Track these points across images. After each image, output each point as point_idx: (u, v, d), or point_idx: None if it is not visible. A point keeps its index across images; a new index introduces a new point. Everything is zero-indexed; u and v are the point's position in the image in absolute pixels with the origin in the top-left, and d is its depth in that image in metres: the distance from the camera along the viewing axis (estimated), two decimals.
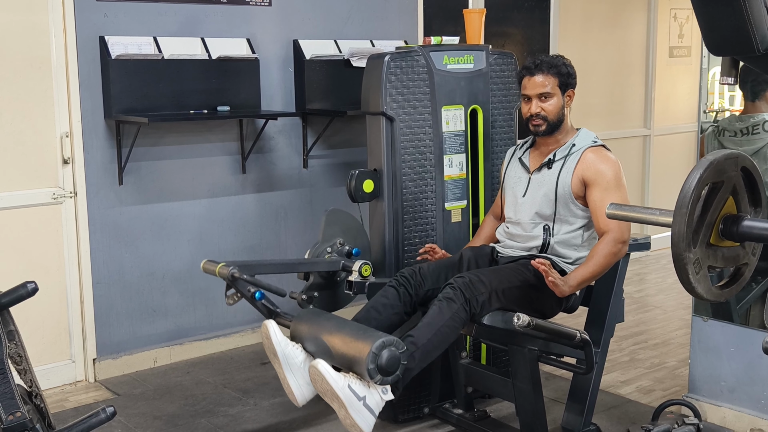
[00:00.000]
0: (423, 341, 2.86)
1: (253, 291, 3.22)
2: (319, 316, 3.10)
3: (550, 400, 3.71)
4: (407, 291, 3.15)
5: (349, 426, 2.75)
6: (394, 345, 2.74)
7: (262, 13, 4.52)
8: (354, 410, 2.69)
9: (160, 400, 3.91)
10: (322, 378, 2.70)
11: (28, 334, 3.77)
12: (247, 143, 4.52)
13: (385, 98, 3.44)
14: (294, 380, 2.93)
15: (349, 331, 2.88)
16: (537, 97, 3.22)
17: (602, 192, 3.13)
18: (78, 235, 4.07)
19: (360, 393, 2.71)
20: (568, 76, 3.24)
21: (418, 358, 2.85)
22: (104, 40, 3.99)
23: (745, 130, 3.59)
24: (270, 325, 2.95)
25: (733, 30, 1.73)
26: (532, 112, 3.23)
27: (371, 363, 2.70)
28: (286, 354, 2.93)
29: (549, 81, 3.21)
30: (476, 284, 2.97)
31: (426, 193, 3.57)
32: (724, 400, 3.53)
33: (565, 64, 3.25)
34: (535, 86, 3.22)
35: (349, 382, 2.71)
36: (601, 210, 3.12)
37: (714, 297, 1.80)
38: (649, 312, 5.23)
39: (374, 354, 2.70)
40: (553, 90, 3.22)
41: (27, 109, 3.88)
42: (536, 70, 3.23)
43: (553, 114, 3.23)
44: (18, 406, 2.18)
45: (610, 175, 3.14)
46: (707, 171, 1.68)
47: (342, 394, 2.68)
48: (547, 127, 3.24)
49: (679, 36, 6.84)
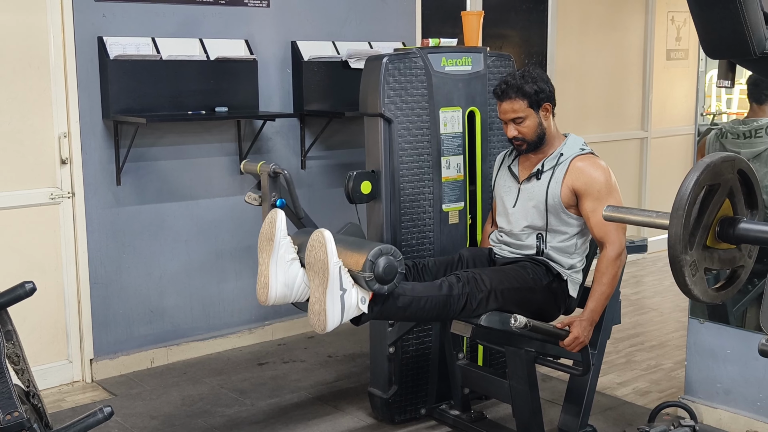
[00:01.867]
0: (415, 294, 2.88)
1: (275, 198, 3.24)
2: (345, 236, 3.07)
3: (546, 402, 3.71)
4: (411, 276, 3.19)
5: (316, 313, 2.71)
6: (392, 253, 2.72)
7: (261, 15, 4.53)
8: (331, 294, 2.67)
9: (157, 400, 3.92)
10: (322, 245, 2.66)
11: (26, 334, 3.78)
12: (245, 144, 4.52)
13: (383, 100, 3.44)
14: (274, 272, 2.89)
15: (347, 242, 2.86)
16: (510, 122, 3.22)
17: (594, 201, 3.11)
18: (76, 236, 4.07)
19: (345, 284, 2.69)
20: (537, 94, 3.16)
21: (403, 303, 2.86)
22: (102, 41, 3.99)
23: (747, 133, 3.59)
24: (279, 213, 2.93)
25: (730, 33, 1.73)
26: (510, 136, 3.24)
27: (369, 271, 2.68)
28: (280, 244, 2.89)
29: (517, 105, 3.17)
30: (479, 282, 3.00)
31: (423, 195, 3.58)
32: (720, 402, 3.54)
33: (533, 81, 3.17)
34: (506, 112, 3.21)
35: (341, 266, 2.69)
36: (595, 220, 3.10)
37: (710, 299, 1.80)
38: (646, 314, 5.24)
39: (371, 262, 2.69)
40: (524, 113, 3.17)
41: (25, 109, 3.88)
42: (503, 96, 3.19)
43: (530, 134, 3.20)
44: (15, 405, 2.19)
45: (601, 183, 3.13)
46: (704, 173, 1.69)
47: (332, 270, 2.65)
48: (528, 146, 3.23)
49: (677, 39, 6.85)
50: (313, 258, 2.72)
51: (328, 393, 3.97)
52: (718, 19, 1.73)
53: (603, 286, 3.09)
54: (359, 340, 4.62)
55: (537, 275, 3.15)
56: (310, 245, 2.75)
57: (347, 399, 3.86)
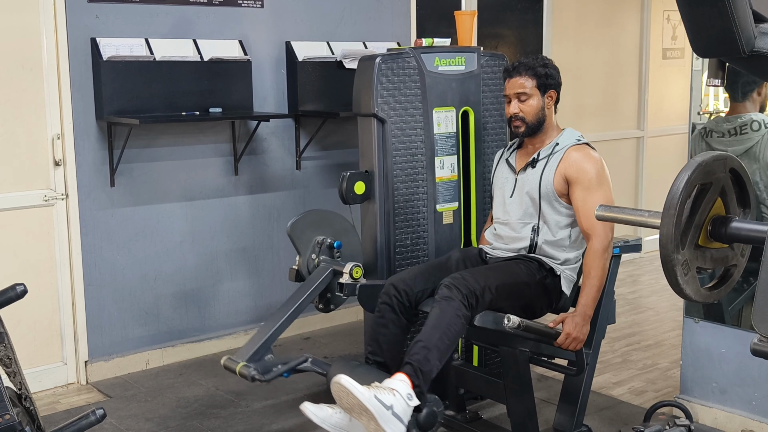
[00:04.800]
0: (434, 341, 2.87)
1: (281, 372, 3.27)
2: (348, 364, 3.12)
3: (541, 402, 3.71)
4: (399, 301, 3.17)
5: None
6: (434, 403, 2.81)
7: (255, 15, 4.52)
8: (384, 420, 2.66)
9: (152, 402, 3.91)
10: (348, 392, 2.66)
11: (20, 336, 3.77)
12: (240, 145, 4.51)
13: (376, 100, 3.44)
14: None
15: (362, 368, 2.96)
16: (515, 97, 3.25)
17: (584, 191, 3.14)
18: (70, 237, 4.06)
19: (387, 402, 2.68)
20: (547, 77, 3.26)
21: (434, 358, 2.85)
22: (96, 42, 3.98)
23: (733, 130, 3.59)
24: (305, 408, 2.84)
25: (719, 32, 1.73)
26: (511, 113, 3.27)
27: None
28: (332, 424, 2.84)
29: (526, 82, 3.24)
30: (469, 279, 2.99)
31: (417, 195, 3.57)
32: (715, 401, 3.54)
33: (545, 65, 3.27)
34: (513, 87, 3.26)
35: (375, 393, 2.68)
36: (583, 209, 3.13)
37: (703, 298, 1.79)
38: (642, 313, 5.24)
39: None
40: (531, 91, 3.24)
41: (18, 110, 3.87)
42: (514, 72, 3.26)
43: (531, 114, 3.24)
44: (7, 408, 2.18)
45: (593, 173, 3.15)
46: (696, 172, 1.68)
47: (371, 405, 2.64)
48: (526, 128, 3.25)
49: (673, 38, 6.85)
50: (348, 405, 2.71)
51: (324, 394, 3.96)
52: (707, 18, 1.73)
53: (593, 279, 3.09)
54: (355, 341, 4.62)
55: (530, 270, 3.16)
56: (337, 396, 2.74)
57: None
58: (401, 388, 2.74)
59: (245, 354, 3.27)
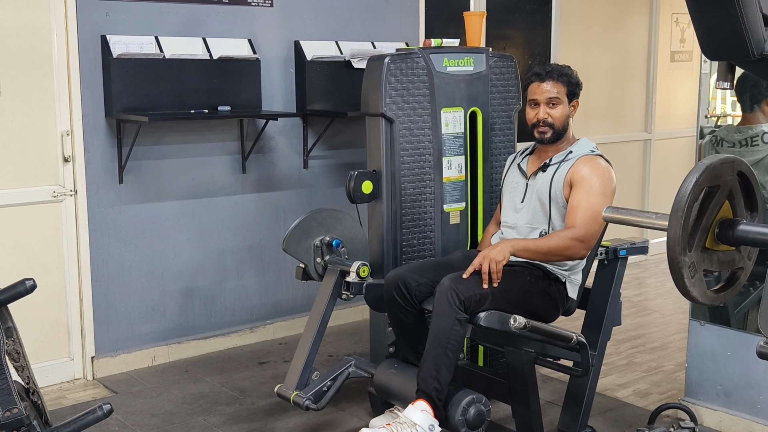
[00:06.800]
0: (440, 358, 2.96)
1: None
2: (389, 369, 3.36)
3: (546, 403, 3.71)
4: (401, 294, 3.19)
5: None
6: (482, 403, 3.03)
7: (264, 14, 4.53)
8: None
9: (158, 398, 3.92)
10: None
11: (27, 331, 3.79)
12: (248, 143, 4.53)
13: (384, 100, 3.45)
14: None
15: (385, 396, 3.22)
16: (545, 103, 3.23)
17: (582, 194, 3.14)
18: (78, 233, 4.08)
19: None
20: (576, 86, 3.28)
21: (444, 373, 2.97)
22: (106, 39, 4.00)
23: (744, 141, 3.59)
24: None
25: (729, 34, 1.73)
26: (540, 118, 3.24)
27: (460, 416, 2.98)
28: None
29: (558, 88, 3.24)
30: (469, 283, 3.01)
31: (425, 195, 3.58)
32: (720, 404, 3.54)
33: (574, 75, 3.29)
34: (544, 92, 3.24)
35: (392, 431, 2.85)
36: (573, 206, 3.13)
37: (709, 301, 1.80)
38: (648, 316, 5.24)
39: (464, 408, 3.00)
40: (561, 97, 3.24)
41: (28, 106, 3.89)
42: (546, 77, 3.24)
43: (559, 121, 3.24)
44: (15, 402, 2.19)
45: (596, 182, 3.15)
46: (703, 175, 1.69)
47: None
48: (553, 134, 3.25)
49: (681, 41, 6.84)
50: None
51: None
52: (717, 21, 1.73)
53: (542, 242, 3.10)
54: (360, 340, 4.63)
55: (534, 278, 3.16)
56: None
57: (347, 398, 3.86)
58: (422, 420, 2.88)
59: (293, 382, 3.35)
